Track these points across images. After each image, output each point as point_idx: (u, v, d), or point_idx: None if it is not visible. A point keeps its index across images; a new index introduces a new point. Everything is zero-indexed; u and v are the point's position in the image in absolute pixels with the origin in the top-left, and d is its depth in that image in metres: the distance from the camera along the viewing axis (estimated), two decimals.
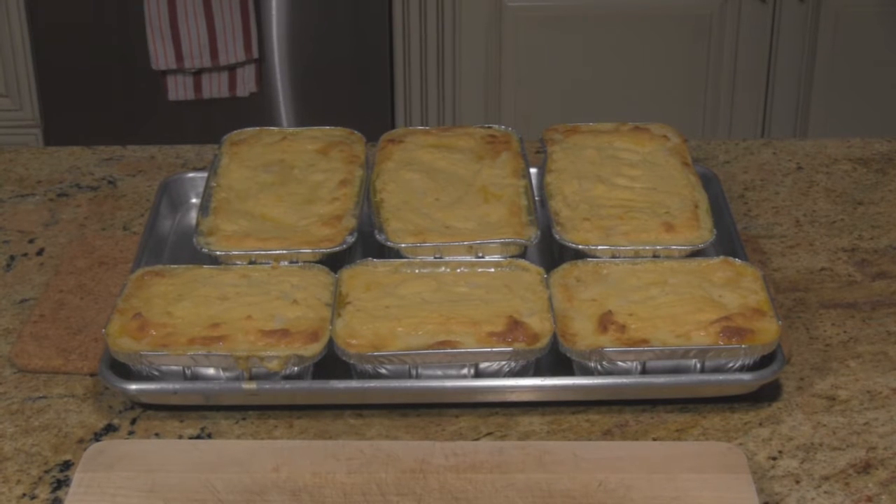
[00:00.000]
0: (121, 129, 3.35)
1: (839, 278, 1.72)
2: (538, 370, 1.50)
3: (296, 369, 1.47)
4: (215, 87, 3.34)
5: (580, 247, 1.63)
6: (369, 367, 1.47)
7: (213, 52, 3.27)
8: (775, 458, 1.42)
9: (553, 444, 1.38)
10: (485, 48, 3.41)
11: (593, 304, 1.53)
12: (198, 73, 3.31)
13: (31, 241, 1.81)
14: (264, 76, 3.37)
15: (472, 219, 1.68)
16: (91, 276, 1.70)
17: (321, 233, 1.65)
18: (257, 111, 3.38)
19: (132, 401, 1.50)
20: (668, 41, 3.40)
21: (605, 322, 1.50)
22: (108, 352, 1.49)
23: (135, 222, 1.85)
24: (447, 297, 1.54)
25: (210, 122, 3.35)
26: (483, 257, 1.62)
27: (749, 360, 1.48)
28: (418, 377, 1.47)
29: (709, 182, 1.80)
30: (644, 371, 1.48)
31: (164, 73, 3.31)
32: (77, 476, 1.34)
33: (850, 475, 1.39)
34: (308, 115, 3.42)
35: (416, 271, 1.59)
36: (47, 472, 1.41)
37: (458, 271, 1.59)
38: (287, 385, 1.47)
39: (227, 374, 1.47)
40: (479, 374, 1.48)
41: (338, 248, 1.63)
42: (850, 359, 1.57)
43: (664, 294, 1.55)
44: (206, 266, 1.61)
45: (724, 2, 3.36)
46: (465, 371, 1.47)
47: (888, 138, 2.07)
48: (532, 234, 1.65)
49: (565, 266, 1.60)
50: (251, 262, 1.62)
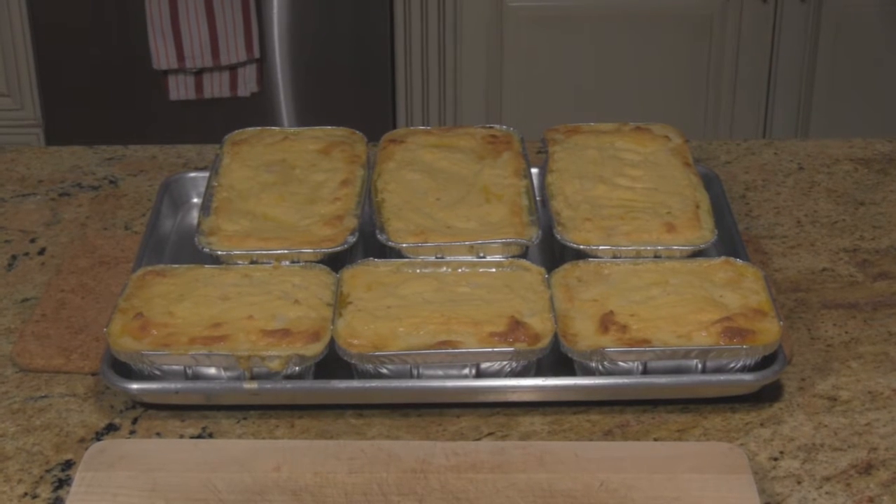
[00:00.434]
0: (122, 128, 3.35)
1: (840, 279, 1.72)
2: (539, 370, 1.50)
3: (297, 369, 1.47)
4: (216, 86, 3.34)
5: (581, 247, 1.63)
6: (370, 367, 1.47)
7: (215, 52, 3.27)
8: (777, 459, 1.42)
9: (554, 445, 1.38)
10: (486, 48, 3.41)
11: (594, 305, 1.53)
12: (199, 72, 3.31)
13: (32, 241, 1.81)
14: (266, 76, 3.37)
15: (474, 219, 1.68)
16: (92, 276, 1.70)
17: (322, 233, 1.65)
18: (258, 111, 3.38)
19: (133, 400, 1.50)
20: (669, 41, 3.40)
21: (606, 322, 1.49)
22: (109, 351, 1.49)
23: (136, 222, 1.85)
24: (448, 297, 1.54)
25: (211, 122, 3.35)
26: (484, 257, 1.62)
27: (750, 361, 1.48)
28: (419, 377, 1.47)
29: (710, 182, 1.80)
30: (645, 371, 1.48)
31: (166, 72, 3.31)
32: (78, 475, 1.34)
33: (852, 476, 1.39)
34: (309, 114, 3.42)
35: (418, 271, 1.59)
36: (49, 471, 1.41)
37: (460, 271, 1.59)
38: (288, 385, 1.47)
39: (229, 374, 1.47)
40: (480, 375, 1.48)
41: (339, 248, 1.62)
42: (852, 359, 1.57)
43: (665, 294, 1.54)
44: (207, 266, 1.61)
45: (725, 2, 3.36)
46: (466, 371, 1.47)
47: (889, 138, 2.07)
48: (533, 235, 1.64)
49: (566, 266, 1.60)
50: (252, 262, 1.61)
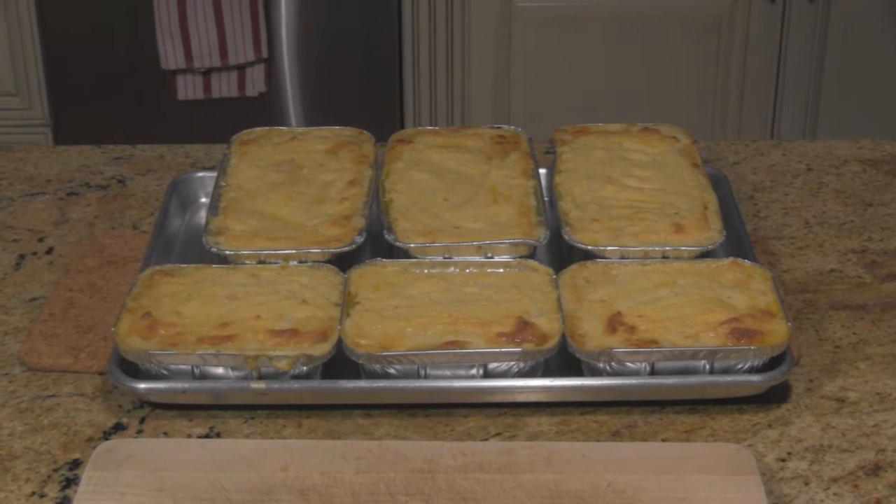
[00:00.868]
0: (130, 128, 3.35)
1: (849, 280, 1.72)
2: (547, 371, 1.50)
3: (304, 369, 1.47)
4: (224, 86, 3.34)
5: (589, 247, 1.63)
6: (378, 367, 1.47)
7: (223, 52, 3.27)
8: (784, 460, 1.42)
9: (561, 445, 1.38)
10: (494, 48, 3.41)
11: (602, 305, 1.53)
12: (207, 72, 3.32)
13: (40, 240, 1.82)
14: (273, 76, 3.37)
15: (482, 219, 1.68)
16: (100, 275, 1.71)
17: (330, 232, 1.65)
18: (266, 111, 3.38)
19: (141, 400, 1.50)
20: (677, 42, 3.40)
21: (613, 323, 1.49)
22: (117, 351, 1.49)
23: (144, 221, 1.86)
24: (456, 297, 1.54)
25: (219, 122, 3.35)
26: (492, 258, 1.62)
27: (758, 362, 1.48)
28: (427, 377, 1.47)
29: (718, 183, 1.80)
30: (653, 372, 1.48)
31: (174, 72, 3.32)
32: (86, 475, 1.34)
33: (860, 477, 1.39)
34: (317, 114, 3.42)
35: (425, 271, 1.59)
36: (56, 470, 1.41)
37: (467, 271, 1.59)
38: (296, 385, 1.47)
39: (236, 374, 1.47)
40: (487, 375, 1.48)
41: (347, 248, 1.63)
42: (860, 360, 1.57)
43: (673, 295, 1.54)
44: (215, 265, 1.61)
45: (733, 2, 3.36)
46: (473, 371, 1.47)
47: None
48: (541, 235, 1.64)
49: (574, 267, 1.60)
50: (260, 262, 1.62)
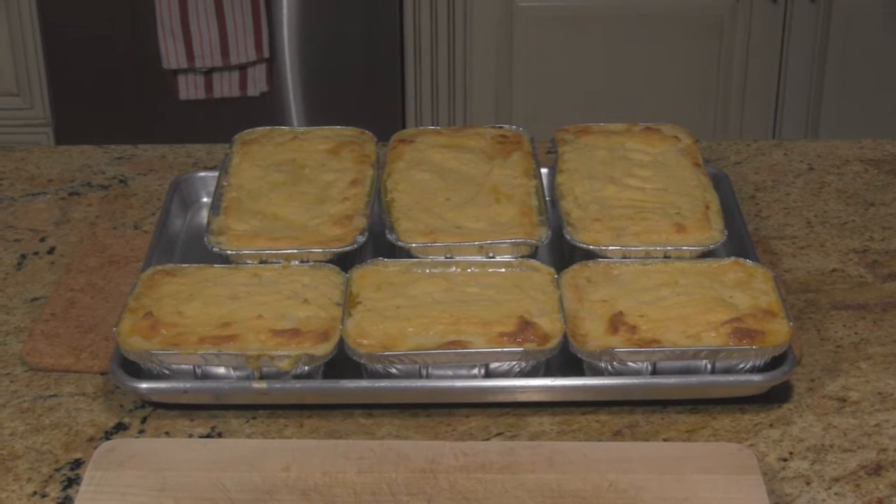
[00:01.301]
0: (132, 128, 3.35)
1: (850, 279, 1.72)
2: (548, 370, 1.50)
3: (306, 369, 1.47)
4: (226, 86, 3.34)
5: (591, 247, 1.63)
6: (380, 367, 1.47)
7: (224, 52, 3.27)
8: (786, 460, 1.42)
9: (563, 445, 1.38)
10: (495, 48, 3.41)
11: (604, 305, 1.53)
12: (209, 72, 3.32)
13: (42, 240, 1.82)
14: (275, 76, 3.37)
15: (483, 219, 1.68)
16: (102, 275, 1.71)
17: (332, 232, 1.65)
18: (268, 110, 3.38)
19: (143, 399, 1.50)
20: (679, 42, 3.40)
21: (615, 323, 1.49)
22: (118, 350, 1.49)
23: (146, 221, 1.86)
24: (458, 297, 1.54)
25: (221, 122, 3.35)
26: (494, 257, 1.62)
27: (760, 362, 1.48)
28: (428, 377, 1.47)
29: (720, 183, 1.80)
30: (654, 372, 1.48)
31: (175, 72, 3.32)
32: (87, 474, 1.34)
33: (861, 477, 1.39)
34: (319, 114, 3.42)
35: (427, 271, 1.59)
36: (58, 470, 1.41)
37: (469, 271, 1.59)
38: (297, 384, 1.47)
39: (238, 374, 1.47)
40: (489, 375, 1.48)
41: (348, 248, 1.63)
42: (861, 360, 1.57)
43: (675, 295, 1.54)
44: (216, 265, 1.61)
45: (735, 2, 3.36)
46: (475, 371, 1.47)
47: None
48: (543, 235, 1.64)
49: (576, 266, 1.60)
50: (262, 262, 1.62)
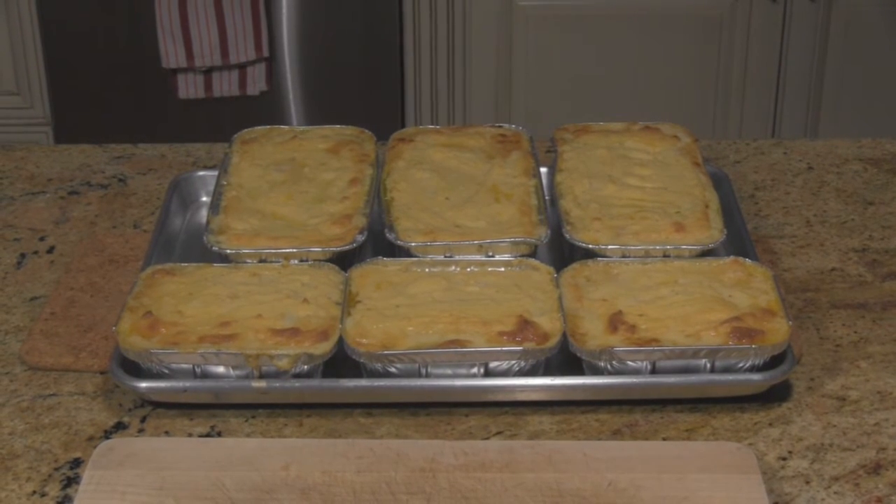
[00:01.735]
0: (131, 127, 3.36)
1: (850, 279, 1.72)
2: (548, 370, 1.50)
3: (306, 368, 1.47)
4: (226, 85, 3.34)
5: (590, 246, 1.63)
6: (379, 366, 1.47)
7: (224, 51, 3.27)
8: (785, 459, 1.42)
9: (563, 444, 1.38)
10: (495, 47, 3.41)
11: (603, 304, 1.53)
12: (208, 71, 3.32)
13: (41, 239, 1.82)
14: (275, 75, 3.37)
15: (483, 218, 1.68)
16: (101, 274, 1.71)
17: (331, 231, 1.65)
18: (268, 110, 3.38)
19: (142, 399, 1.50)
20: (678, 41, 3.40)
21: (615, 322, 1.49)
22: (118, 350, 1.49)
23: (145, 220, 1.86)
24: (457, 296, 1.54)
25: (220, 121, 3.36)
26: (493, 256, 1.62)
27: (759, 361, 1.48)
28: (428, 376, 1.47)
29: (719, 182, 1.80)
30: (654, 371, 1.48)
31: (175, 71, 3.32)
32: (87, 474, 1.34)
33: (861, 476, 1.39)
34: (318, 113, 3.42)
35: (427, 270, 1.59)
36: (57, 469, 1.41)
37: (469, 270, 1.59)
38: (297, 384, 1.47)
39: (237, 373, 1.47)
40: (488, 374, 1.48)
41: (348, 247, 1.63)
42: (861, 359, 1.57)
43: (674, 294, 1.54)
44: (216, 264, 1.61)
45: (734, 2, 3.36)
46: (474, 370, 1.47)
47: None
48: (542, 234, 1.64)
49: (575, 266, 1.60)
50: (261, 261, 1.62)
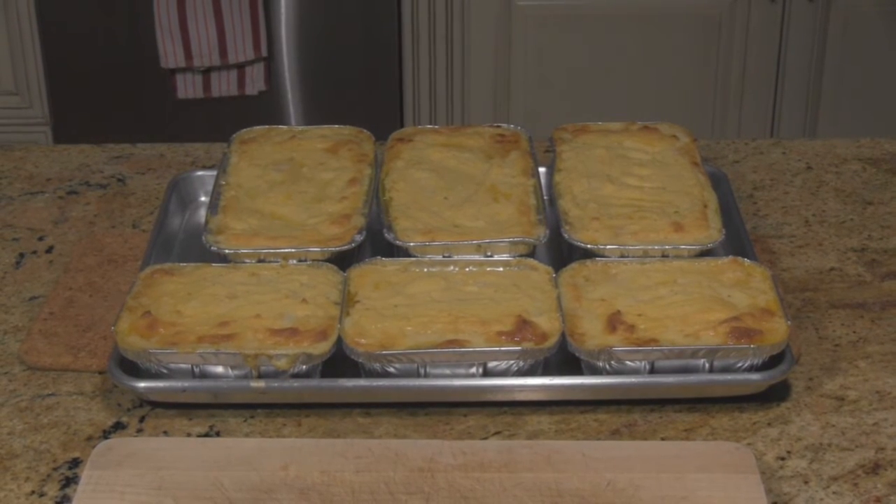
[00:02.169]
0: (130, 127, 3.35)
1: (848, 278, 1.72)
2: (546, 369, 1.50)
3: (304, 368, 1.47)
4: (224, 85, 3.34)
5: (589, 246, 1.63)
6: (378, 366, 1.47)
7: (223, 51, 3.27)
8: (784, 459, 1.42)
9: (561, 444, 1.38)
10: (494, 47, 3.41)
11: (602, 304, 1.53)
12: (207, 71, 3.32)
13: (40, 239, 1.82)
14: (273, 75, 3.37)
15: (481, 218, 1.68)
16: (100, 274, 1.71)
17: (330, 231, 1.65)
18: (266, 110, 3.38)
19: (141, 398, 1.50)
20: (677, 41, 3.40)
21: (613, 322, 1.49)
22: (117, 349, 1.49)
23: (144, 220, 1.86)
24: (456, 296, 1.54)
25: (219, 121, 3.35)
26: (492, 256, 1.62)
27: (758, 360, 1.48)
28: (427, 376, 1.47)
29: (718, 182, 1.80)
30: (653, 371, 1.48)
31: (174, 71, 3.32)
32: (86, 474, 1.34)
33: (859, 476, 1.39)
34: (317, 113, 3.42)
35: (425, 270, 1.59)
36: (56, 469, 1.41)
37: (467, 270, 1.59)
38: (296, 383, 1.47)
39: (236, 373, 1.47)
40: (487, 374, 1.48)
41: (347, 247, 1.63)
42: (860, 359, 1.57)
43: (673, 294, 1.54)
44: (215, 264, 1.61)
45: (733, 2, 3.36)
46: (473, 370, 1.47)
47: None
48: (541, 234, 1.64)
49: (574, 265, 1.60)
50: (260, 261, 1.62)
